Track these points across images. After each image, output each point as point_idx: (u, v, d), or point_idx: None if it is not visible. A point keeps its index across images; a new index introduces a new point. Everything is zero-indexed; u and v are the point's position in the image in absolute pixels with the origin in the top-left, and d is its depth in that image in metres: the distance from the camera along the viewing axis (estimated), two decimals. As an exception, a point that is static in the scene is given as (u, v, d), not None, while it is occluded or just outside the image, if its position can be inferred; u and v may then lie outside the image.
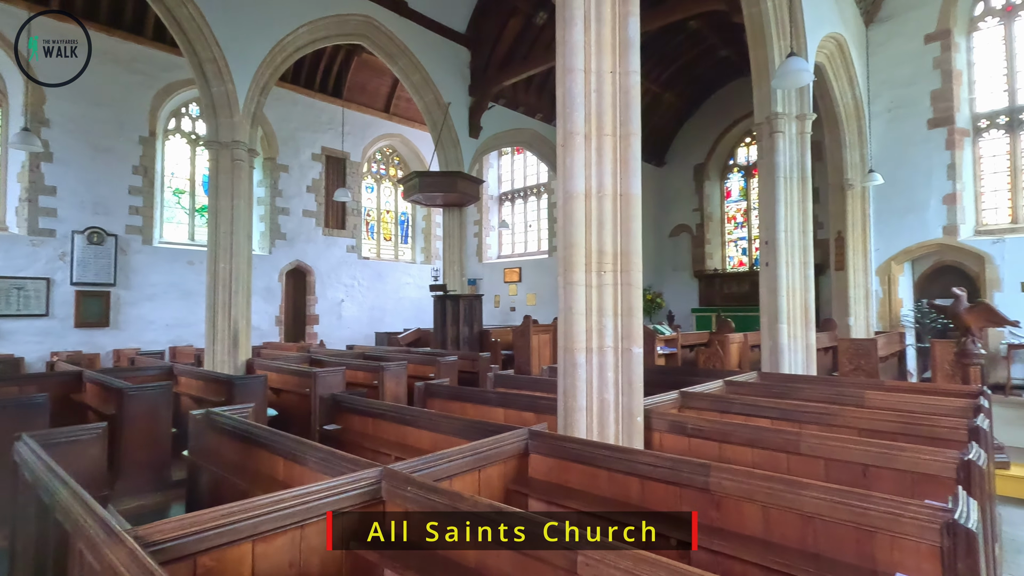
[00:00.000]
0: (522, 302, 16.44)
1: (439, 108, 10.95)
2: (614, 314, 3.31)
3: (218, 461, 3.51)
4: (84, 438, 3.11)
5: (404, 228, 16.54)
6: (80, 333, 10.06)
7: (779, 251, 6.63)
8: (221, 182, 7.68)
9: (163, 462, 5.10)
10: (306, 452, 2.75)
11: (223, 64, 7.69)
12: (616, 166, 3.35)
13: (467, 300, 9.94)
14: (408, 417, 3.78)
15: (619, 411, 3.28)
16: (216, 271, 7.62)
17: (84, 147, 10.16)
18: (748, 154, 15.79)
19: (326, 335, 13.72)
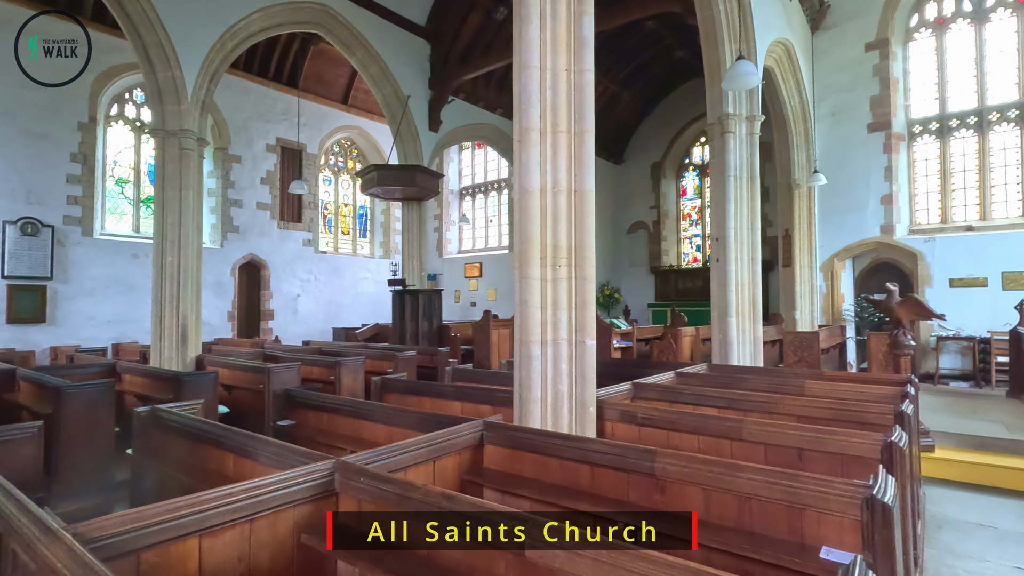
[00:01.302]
0: (483, 297, 16.46)
1: (398, 101, 10.82)
2: (569, 307, 3.38)
3: (165, 459, 3.41)
4: (17, 437, 2.97)
5: (363, 222, 16.29)
6: (12, 330, 9.49)
7: (729, 247, 6.88)
8: (168, 172, 7.38)
9: (105, 463, 4.89)
10: (257, 447, 2.71)
11: (170, 49, 7.38)
12: (571, 162, 3.42)
13: (427, 295, 9.90)
14: (363, 411, 3.77)
15: (573, 402, 3.36)
16: (163, 264, 7.33)
17: (15, 132, 9.56)
18: (703, 153, 16.24)
19: (281, 331, 13.39)
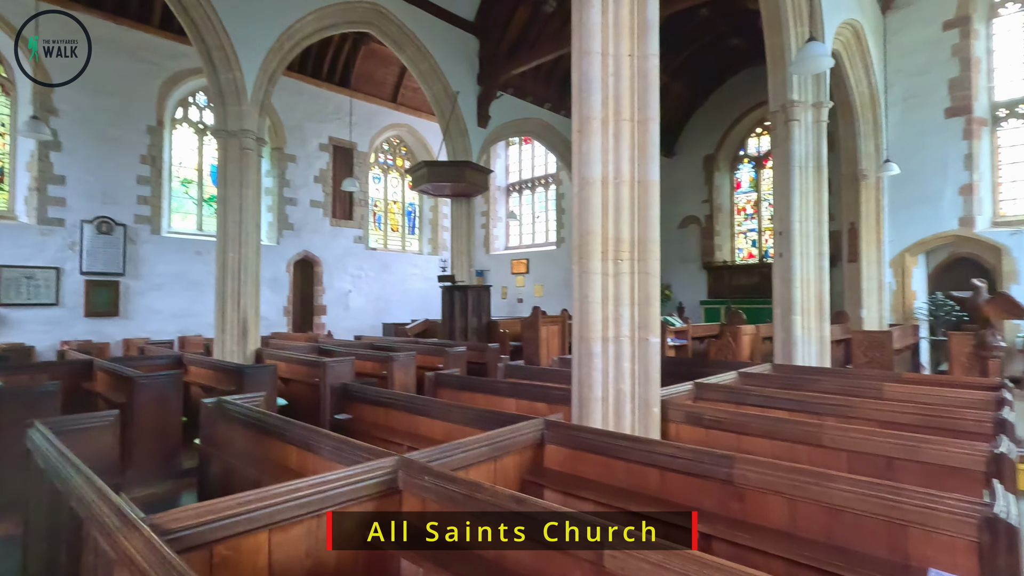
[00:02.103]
0: (529, 293, 16.38)
1: (447, 97, 10.85)
2: (631, 303, 3.25)
3: (229, 450, 3.49)
4: (96, 425, 3.09)
5: (411, 219, 16.49)
6: (89, 322, 10.09)
7: (793, 242, 6.53)
8: (229, 171, 7.64)
9: (173, 450, 5.09)
10: (319, 441, 2.72)
11: (231, 52, 7.62)
12: (634, 152, 3.28)
13: (475, 291, 9.90)
14: (420, 407, 3.75)
15: (635, 401, 3.23)
16: (225, 261, 7.60)
17: (92, 136, 10.14)
18: (759, 144, 15.60)
19: (333, 325, 13.72)
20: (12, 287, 9.32)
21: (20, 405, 4.29)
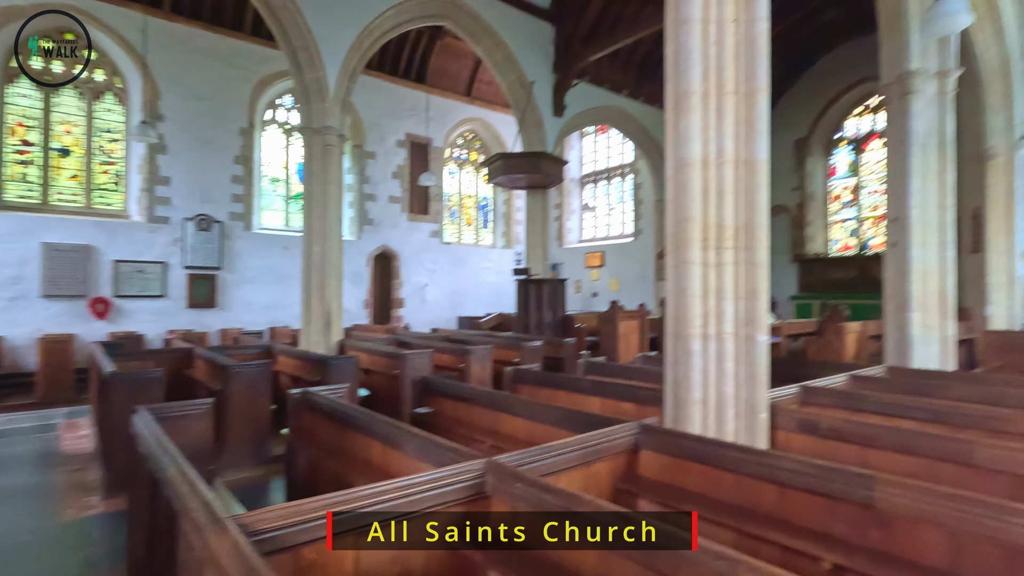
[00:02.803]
0: (604, 287, 15.97)
1: (522, 88, 10.68)
2: (735, 296, 2.93)
3: (315, 440, 3.51)
4: (193, 413, 3.18)
5: (484, 213, 16.53)
6: (191, 313, 10.86)
7: (910, 229, 5.82)
8: (314, 168, 7.88)
9: (263, 437, 5.29)
10: (403, 437, 2.63)
11: (315, 51, 7.84)
12: (739, 128, 2.95)
13: (551, 284, 9.70)
14: (502, 403, 3.61)
15: (740, 405, 2.91)
16: (310, 255, 7.86)
17: (192, 139, 10.86)
18: (859, 125, 14.28)
19: (410, 318, 14.01)
20: (126, 280, 10.18)
21: (130, 389, 4.58)
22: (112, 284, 10.04)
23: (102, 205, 10.49)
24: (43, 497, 4.49)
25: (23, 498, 4.48)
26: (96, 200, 10.44)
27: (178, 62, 10.57)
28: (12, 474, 5.07)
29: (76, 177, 10.29)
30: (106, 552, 3.50)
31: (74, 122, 10.25)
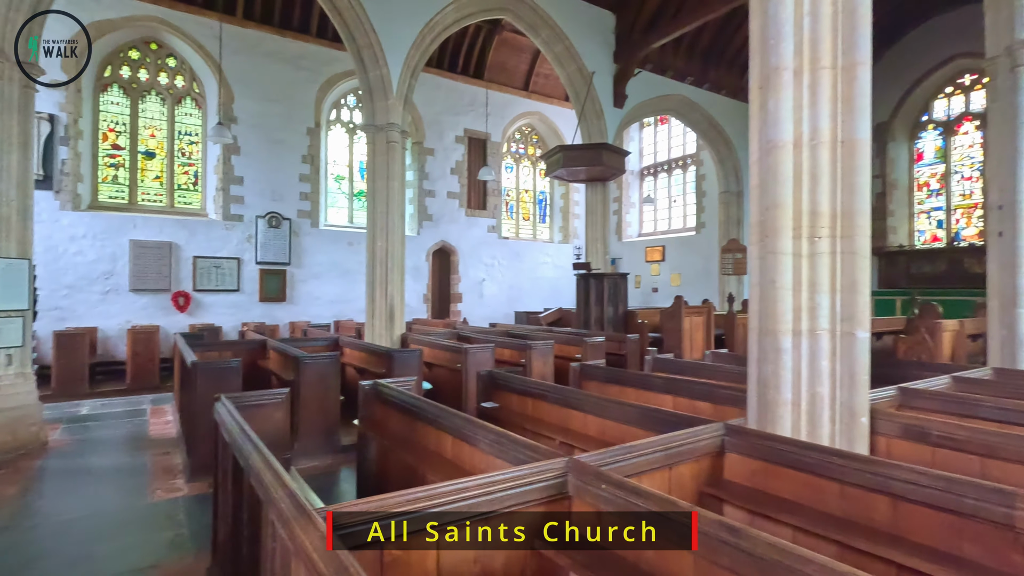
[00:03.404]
0: (665, 282, 15.52)
1: (582, 79, 10.48)
2: (831, 289, 2.69)
3: (385, 431, 3.53)
4: (271, 402, 3.27)
5: (542, 207, 16.41)
6: (263, 306, 11.36)
7: (1020, 217, 5.26)
8: (377, 164, 8.02)
9: (333, 427, 5.42)
10: (476, 432, 2.57)
11: (379, 49, 7.97)
12: (836, 106, 2.70)
13: (612, 279, 9.48)
14: (572, 400, 3.50)
15: (836, 408, 2.67)
16: (374, 250, 8.01)
17: (263, 140, 11.33)
18: (949, 107, 13.16)
19: (468, 313, 14.12)
20: (204, 275, 10.76)
21: (211, 378, 4.79)
22: (192, 279, 10.64)
23: (183, 204, 11.13)
24: (133, 478, 4.77)
25: (116, 478, 4.78)
26: (177, 200, 11.09)
27: (250, 66, 11.05)
28: (106, 455, 5.43)
29: (159, 178, 10.96)
30: (191, 534, 3.66)
31: (157, 126, 10.92)
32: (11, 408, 5.42)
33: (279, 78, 11.42)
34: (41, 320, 8.75)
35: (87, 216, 9.79)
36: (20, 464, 5.08)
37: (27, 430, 5.52)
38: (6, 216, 5.44)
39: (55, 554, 3.40)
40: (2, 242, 5.41)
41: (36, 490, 4.49)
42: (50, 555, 3.39)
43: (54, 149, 9.47)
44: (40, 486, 4.58)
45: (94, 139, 10.20)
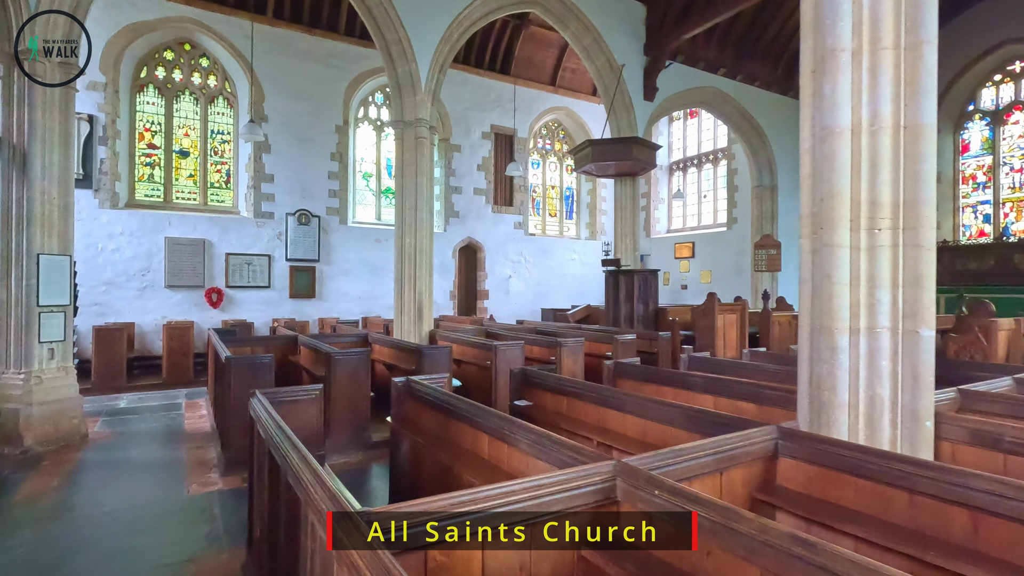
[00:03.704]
0: (695, 279, 15.21)
1: (612, 72, 10.29)
2: (892, 284, 2.52)
3: (418, 429, 3.48)
4: (304, 398, 3.24)
5: (568, 203, 16.25)
6: (293, 303, 11.49)
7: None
8: (406, 160, 8.00)
9: (363, 423, 5.41)
10: (516, 432, 2.49)
11: (407, 45, 7.94)
12: (899, 88, 2.53)
13: (642, 276, 9.31)
14: (611, 399, 3.39)
15: (898, 411, 2.51)
16: (403, 246, 8.00)
17: (292, 138, 11.44)
18: (997, 95, 12.56)
19: (495, 310, 14.07)
20: (236, 272, 10.93)
21: (245, 373, 4.82)
22: (224, 275, 10.82)
23: (215, 202, 11.32)
24: (170, 471, 4.83)
25: (153, 471, 4.84)
26: (210, 198, 11.28)
27: (280, 65, 11.16)
28: (144, 448, 5.53)
29: (193, 177, 11.16)
30: (226, 529, 3.67)
31: (191, 125, 11.12)
32: (53, 401, 5.55)
33: (308, 76, 11.52)
34: (81, 316, 8.99)
35: (124, 214, 10.03)
36: (62, 456, 5.20)
37: (68, 422, 5.66)
38: (48, 214, 5.57)
39: (95, 545, 3.44)
40: (44, 239, 5.54)
41: (77, 482, 4.58)
42: (90, 546, 3.43)
43: (93, 149, 9.71)
44: (80, 478, 4.67)
45: (131, 139, 10.44)
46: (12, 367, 5.40)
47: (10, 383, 5.38)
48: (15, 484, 4.50)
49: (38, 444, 5.35)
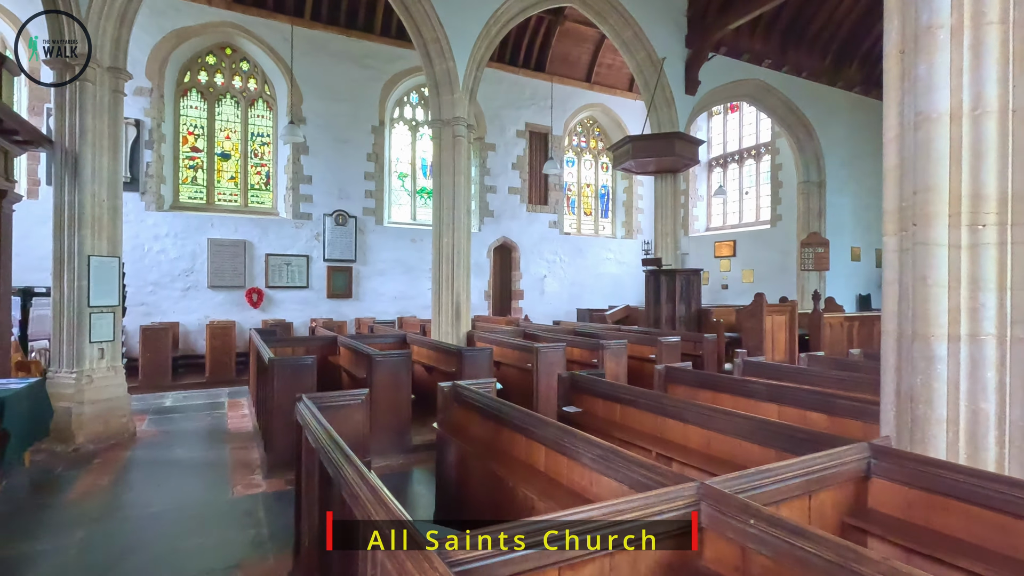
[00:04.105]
0: (736, 279, 14.74)
1: (652, 66, 10.01)
2: (999, 287, 2.26)
3: (466, 436, 3.35)
4: (351, 403, 3.15)
5: (604, 202, 15.97)
6: (331, 303, 11.58)
7: None
8: (444, 159, 7.91)
9: (404, 426, 5.32)
10: (577, 445, 2.33)
11: (445, 43, 7.86)
12: (1007, 67, 2.26)
13: (684, 275, 9.01)
14: (669, 408, 3.19)
15: (1005, 428, 2.25)
16: (440, 246, 7.92)
17: (330, 139, 11.52)
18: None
19: (529, 310, 13.91)
20: (275, 272, 11.07)
21: (288, 374, 4.79)
22: (264, 276, 10.97)
23: (255, 203, 11.50)
24: (214, 471, 4.84)
25: (198, 471, 4.86)
26: (251, 199, 11.46)
27: (317, 67, 11.26)
28: (189, 447, 5.57)
29: (234, 179, 11.35)
30: (271, 534, 3.62)
31: (232, 128, 11.31)
32: (104, 399, 5.66)
33: (345, 77, 11.59)
34: (128, 315, 9.22)
35: (169, 216, 10.26)
36: (111, 454, 5.28)
37: (117, 421, 5.75)
38: (98, 216, 5.67)
39: (144, 548, 3.43)
40: (95, 241, 5.64)
41: (126, 480, 4.62)
42: (139, 549, 3.42)
43: (140, 152, 9.96)
44: (129, 476, 4.72)
45: (175, 142, 10.68)
46: (65, 366, 5.52)
47: (63, 382, 5.49)
48: (69, 482, 4.57)
49: (89, 442, 5.45)
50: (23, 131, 5.00)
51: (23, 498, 4.26)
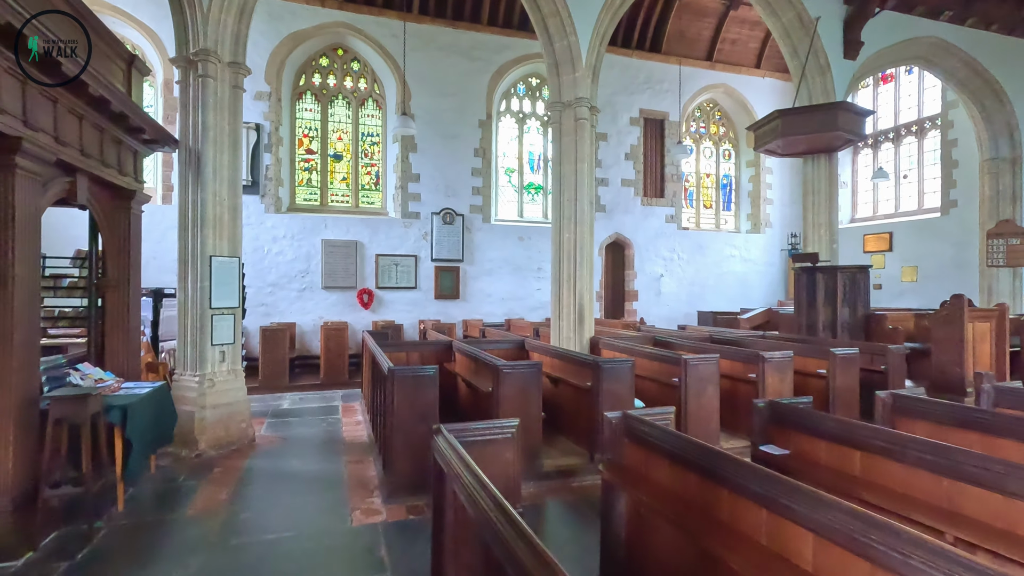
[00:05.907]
0: (893, 277, 12.60)
1: (802, 28, 8.56)
2: None
3: (643, 485, 2.51)
4: (499, 438, 2.45)
5: (726, 193, 14.41)
6: (438, 304, 11.25)
7: None
8: (564, 145, 7.15)
9: (535, 448, 4.60)
10: (818, 511, 1.41)
11: (566, 15, 7.09)
12: None
13: (848, 273, 7.56)
14: (964, 466, 2.14)
15: None
16: (560, 242, 7.16)
17: (437, 135, 11.20)
18: None
19: (644, 312, 12.79)
20: (385, 273, 10.92)
21: (408, 387, 4.25)
22: (374, 276, 10.85)
23: (365, 204, 11.44)
24: (331, 491, 4.40)
25: (315, 489, 4.45)
26: (361, 200, 11.42)
27: (426, 62, 10.97)
28: (305, 458, 5.24)
29: (345, 179, 11.36)
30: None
31: (343, 129, 11.33)
32: (225, 404, 5.49)
33: (453, 71, 11.22)
34: (248, 316, 9.38)
35: (286, 218, 10.40)
36: (231, 463, 5.06)
37: (237, 426, 5.57)
38: (219, 215, 5.52)
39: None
40: (216, 241, 5.49)
41: (243, 497, 4.30)
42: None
43: (260, 156, 10.17)
44: (247, 492, 4.40)
45: (292, 145, 10.84)
46: (188, 369, 5.40)
47: (187, 385, 5.38)
48: (189, 493, 4.34)
49: (210, 448, 5.28)
50: (149, 129, 4.88)
51: (146, 510, 4.04)
